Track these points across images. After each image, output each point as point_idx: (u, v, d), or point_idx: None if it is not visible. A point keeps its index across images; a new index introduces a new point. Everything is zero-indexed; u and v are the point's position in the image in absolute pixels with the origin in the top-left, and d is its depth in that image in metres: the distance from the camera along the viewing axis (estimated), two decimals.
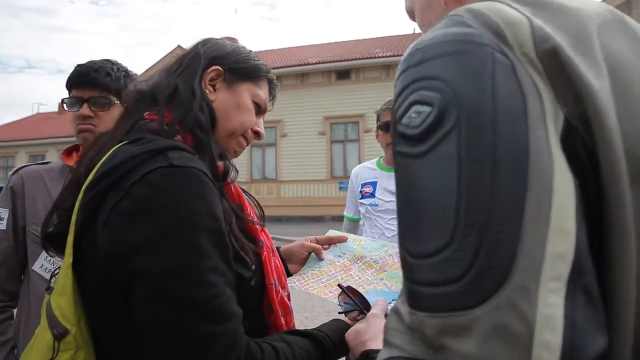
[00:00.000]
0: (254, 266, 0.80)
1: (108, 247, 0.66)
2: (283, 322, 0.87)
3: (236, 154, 0.92)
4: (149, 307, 0.64)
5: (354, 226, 2.35)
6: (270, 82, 0.97)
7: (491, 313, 0.34)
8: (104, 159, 0.72)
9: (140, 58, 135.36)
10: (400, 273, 1.17)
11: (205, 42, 0.93)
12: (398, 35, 18.71)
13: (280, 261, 0.97)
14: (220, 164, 0.83)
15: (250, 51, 0.96)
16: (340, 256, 1.21)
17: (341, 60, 15.10)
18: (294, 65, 16.16)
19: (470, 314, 0.35)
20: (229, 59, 0.90)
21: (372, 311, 0.86)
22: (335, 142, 15.79)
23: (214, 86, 0.88)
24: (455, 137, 0.38)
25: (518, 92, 0.38)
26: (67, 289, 0.69)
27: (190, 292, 0.64)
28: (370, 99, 15.06)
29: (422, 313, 0.38)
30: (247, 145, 0.94)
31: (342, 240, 1.25)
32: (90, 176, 0.71)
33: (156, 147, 0.70)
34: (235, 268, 0.73)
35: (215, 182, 0.73)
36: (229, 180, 0.84)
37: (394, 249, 1.21)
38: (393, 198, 2.10)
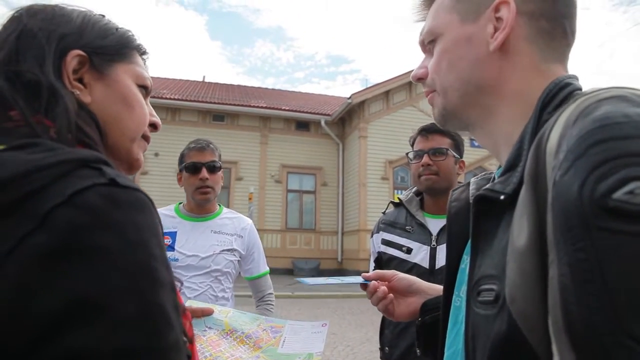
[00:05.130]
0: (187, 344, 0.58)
1: (6, 313, 0.40)
2: None
3: (141, 165, 0.68)
4: None
5: None
6: (142, 52, 0.70)
7: None
8: None
9: None
10: (277, 350, 1.08)
11: (33, 12, 0.60)
12: (187, 80, 18.75)
13: None
14: None
15: (104, 15, 0.67)
16: (205, 330, 1.09)
17: None
18: None
19: None
20: (86, 36, 0.61)
21: None
22: None
23: (81, 80, 0.60)
24: None
25: None
26: None
27: None
28: (157, 140, 14.40)
29: None
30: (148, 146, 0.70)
31: (206, 312, 1.10)
32: None
33: (77, 157, 0.47)
34: None
35: None
36: None
37: (267, 322, 1.15)
38: (197, 252, 1.84)
